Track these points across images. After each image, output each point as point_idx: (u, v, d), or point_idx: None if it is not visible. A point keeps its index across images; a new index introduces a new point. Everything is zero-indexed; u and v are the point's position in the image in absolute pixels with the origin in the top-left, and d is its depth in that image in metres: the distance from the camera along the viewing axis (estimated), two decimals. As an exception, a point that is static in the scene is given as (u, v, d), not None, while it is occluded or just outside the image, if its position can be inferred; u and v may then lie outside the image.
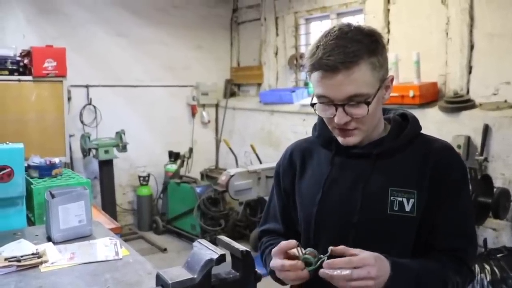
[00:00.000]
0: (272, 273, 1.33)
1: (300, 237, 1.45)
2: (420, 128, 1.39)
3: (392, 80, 1.34)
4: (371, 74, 1.23)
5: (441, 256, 1.29)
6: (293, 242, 1.24)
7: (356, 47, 1.20)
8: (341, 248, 1.17)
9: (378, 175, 1.32)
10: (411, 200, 1.28)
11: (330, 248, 1.17)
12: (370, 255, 1.15)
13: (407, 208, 1.28)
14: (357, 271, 1.11)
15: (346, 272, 1.11)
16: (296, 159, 1.49)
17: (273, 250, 1.26)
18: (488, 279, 3.16)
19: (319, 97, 1.28)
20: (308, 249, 1.23)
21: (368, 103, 1.22)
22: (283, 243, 1.24)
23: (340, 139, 1.32)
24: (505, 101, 3.71)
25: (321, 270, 1.14)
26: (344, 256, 1.15)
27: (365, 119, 1.26)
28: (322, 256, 1.19)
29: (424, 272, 1.23)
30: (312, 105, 1.32)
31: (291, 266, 1.20)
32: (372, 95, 1.24)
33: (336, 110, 1.25)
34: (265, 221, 1.59)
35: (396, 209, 1.28)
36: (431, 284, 1.24)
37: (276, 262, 1.25)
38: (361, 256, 1.14)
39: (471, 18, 3.90)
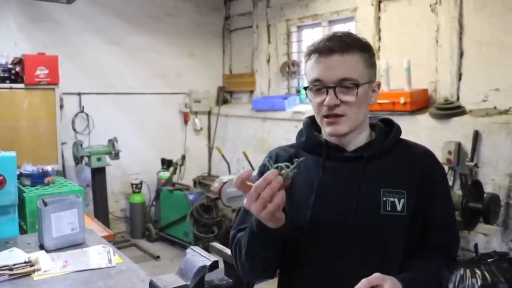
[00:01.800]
0: (247, 254, 1.32)
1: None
2: (401, 133, 1.47)
3: (379, 85, 1.43)
4: (362, 66, 1.34)
5: (433, 252, 1.39)
6: (249, 170, 1.21)
7: (351, 40, 1.34)
8: (364, 283, 1.18)
9: (369, 177, 1.37)
10: (402, 200, 1.34)
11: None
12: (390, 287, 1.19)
13: (399, 208, 1.34)
14: None
15: None
16: (282, 162, 1.49)
17: (235, 185, 1.20)
18: (479, 284, 3.18)
19: (312, 82, 1.36)
20: (277, 164, 1.20)
21: (357, 86, 1.31)
22: (241, 173, 1.19)
23: (328, 129, 1.37)
24: (495, 107, 3.76)
25: None
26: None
27: (352, 107, 1.33)
28: (294, 163, 1.17)
29: (427, 279, 1.32)
30: (305, 88, 1.39)
31: (264, 180, 1.14)
32: (362, 83, 1.33)
33: (327, 94, 1.32)
34: (243, 221, 1.45)
35: (389, 209, 1.33)
36: (432, 286, 1.35)
37: (247, 194, 1.18)
38: None
39: (461, 26, 3.95)
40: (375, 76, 1.40)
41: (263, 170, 1.47)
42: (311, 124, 1.51)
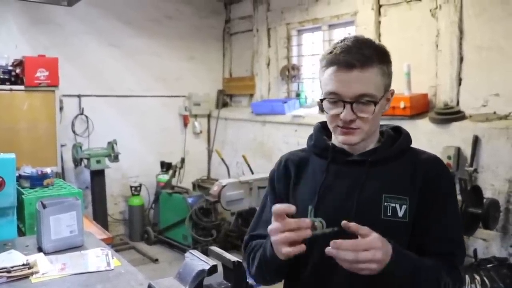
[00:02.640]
0: (258, 268, 1.37)
1: None
2: (411, 141, 1.45)
3: (392, 93, 1.42)
4: (380, 79, 1.32)
5: (434, 260, 1.34)
6: (292, 207, 1.23)
7: (370, 52, 1.30)
8: (353, 225, 1.18)
9: (372, 181, 1.37)
10: (404, 206, 1.33)
11: (343, 222, 1.19)
12: (378, 238, 1.17)
13: (400, 214, 1.33)
14: (363, 254, 1.14)
15: (351, 256, 1.13)
16: (291, 167, 1.51)
17: (273, 210, 1.24)
18: (478, 289, 3.18)
19: (329, 94, 1.33)
20: (317, 218, 1.24)
21: (375, 103, 1.30)
22: (283, 205, 1.23)
23: (341, 138, 1.36)
24: (494, 112, 3.76)
25: (327, 249, 1.15)
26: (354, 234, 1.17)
27: (368, 120, 1.32)
28: (329, 228, 1.21)
29: (421, 264, 1.28)
30: (321, 100, 1.37)
31: (297, 223, 1.20)
32: (379, 98, 1.32)
33: (344, 108, 1.30)
34: (256, 226, 1.56)
35: (390, 214, 1.33)
36: (425, 277, 1.28)
37: (276, 223, 1.23)
38: (369, 239, 1.16)
39: (461, 31, 3.96)
40: (390, 84, 1.39)
41: (272, 176, 1.57)
42: (322, 129, 1.52)
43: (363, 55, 1.29)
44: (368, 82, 1.29)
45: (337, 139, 1.41)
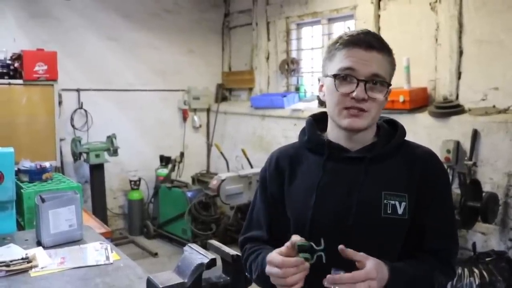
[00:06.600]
0: (258, 280, 1.36)
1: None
2: (405, 134, 1.45)
3: (390, 92, 1.41)
4: (389, 68, 1.36)
5: (428, 256, 1.36)
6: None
7: (383, 41, 1.37)
8: (349, 252, 1.19)
9: (371, 179, 1.36)
10: (403, 203, 1.32)
11: (340, 247, 1.19)
12: (373, 268, 1.18)
13: (400, 211, 1.32)
14: (359, 285, 1.15)
15: None
16: (284, 165, 1.49)
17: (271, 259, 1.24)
18: (477, 282, 3.18)
19: (343, 69, 1.32)
20: (298, 242, 1.22)
21: (389, 85, 1.34)
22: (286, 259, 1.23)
23: (346, 121, 1.33)
24: (494, 106, 3.75)
25: (325, 283, 1.17)
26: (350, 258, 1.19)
27: (377, 105, 1.33)
28: (317, 248, 1.20)
29: (416, 275, 1.29)
30: (334, 76, 1.34)
31: (291, 263, 1.20)
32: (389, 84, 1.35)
33: (357, 86, 1.30)
34: (248, 228, 1.56)
35: (390, 212, 1.32)
36: (420, 286, 1.30)
37: (273, 267, 1.23)
38: (365, 270, 1.17)
39: (460, 24, 3.95)
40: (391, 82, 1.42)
41: (263, 175, 1.56)
42: (314, 123, 1.49)
43: (380, 41, 1.34)
44: (382, 65, 1.33)
45: (340, 125, 1.36)
